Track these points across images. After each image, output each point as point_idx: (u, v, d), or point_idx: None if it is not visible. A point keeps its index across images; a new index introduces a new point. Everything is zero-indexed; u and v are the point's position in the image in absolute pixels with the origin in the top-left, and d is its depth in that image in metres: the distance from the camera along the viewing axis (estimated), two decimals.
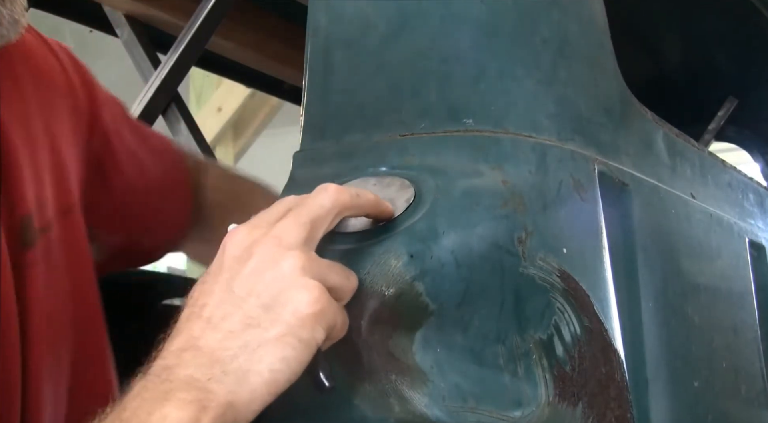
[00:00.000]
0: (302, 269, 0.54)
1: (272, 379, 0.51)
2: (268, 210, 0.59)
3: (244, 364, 0.51)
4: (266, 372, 0.51)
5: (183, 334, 0.53)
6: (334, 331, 0.55)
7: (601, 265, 0.66)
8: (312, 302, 0.53)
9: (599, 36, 0.78)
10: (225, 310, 0.53)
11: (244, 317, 0.52)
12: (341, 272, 0.57)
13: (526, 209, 0.63)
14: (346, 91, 0.72)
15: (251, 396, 0.50)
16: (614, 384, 0.62)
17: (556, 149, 0.68)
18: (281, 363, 0.51)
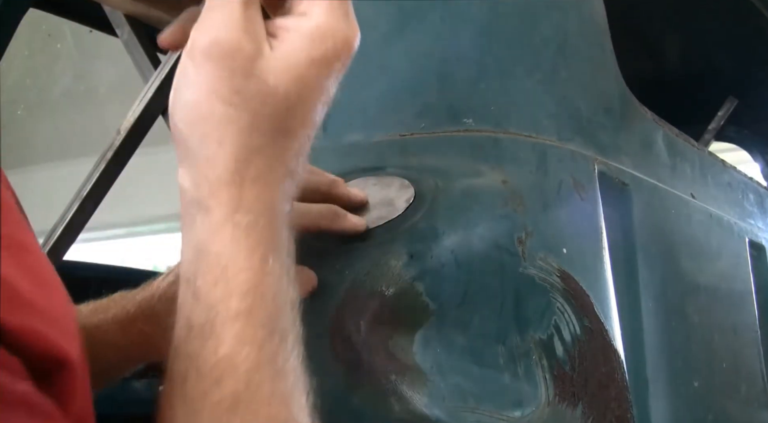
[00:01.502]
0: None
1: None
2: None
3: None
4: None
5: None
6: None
7: (601, 265, 0.66)
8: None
9: (599, 36, 0.78)
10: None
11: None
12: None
13: (526, 209, 0.63)
14: (346, 91, 0.72)
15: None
16: (614, 384, 0.62)
17: (556, 149, 0.68)
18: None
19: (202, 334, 0.42)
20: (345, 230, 0.61)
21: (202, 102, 0.44)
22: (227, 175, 0.44)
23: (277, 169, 0.46)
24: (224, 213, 0.44)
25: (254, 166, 0.44)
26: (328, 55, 0.46)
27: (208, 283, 0.43)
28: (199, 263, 0.43)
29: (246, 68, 0.44)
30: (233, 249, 0.43)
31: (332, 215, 0.61)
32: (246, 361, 0.41)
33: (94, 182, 1.29)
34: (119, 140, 1.29)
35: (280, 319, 0.44)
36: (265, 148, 0.45)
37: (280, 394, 0.42)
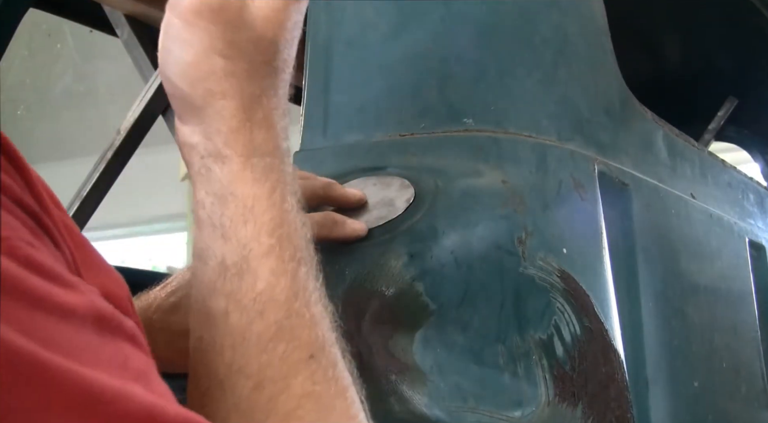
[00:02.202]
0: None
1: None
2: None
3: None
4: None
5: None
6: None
7: (601, 265, 0.66)
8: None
9: (599, 36, 0.78)
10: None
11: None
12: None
13: (526, 209, 0.63)
14: (346, 91, 0.72)
15: None
16: (614, 384, 0.62)
17: (556, 149, 0.68)
18: None
19: (239, 271, 0.45)
20: (345, 237, 0.61)
21: (201, 60, 0.47)
22: (238, 124, 0.47)
23: (277, 109, 0.49)
24: (242, 159, 0.47)
25: (259, 110, 0.48)
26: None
27: (238, 224, 0.46)
28: (225, 207, 0.46)
29: (236, 21, 0.47)
30: (256, 190, 0.47)
31: (331, 223, 0.61)
32: (283, 292, 0.45)
33: (94, 182, 1.29)
34: (119, 140, 1.29)
35: (304, 250, 0.47)
36: (264, 91, 0.48)
37: (316, 318, 0.46)
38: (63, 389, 0.29)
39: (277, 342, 0.44)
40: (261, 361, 0.43)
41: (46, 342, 0.30)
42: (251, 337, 0.44)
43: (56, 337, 0.30)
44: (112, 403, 0.30)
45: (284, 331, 0.44)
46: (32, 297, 0.30)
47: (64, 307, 0.31)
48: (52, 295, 0.31)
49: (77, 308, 0.32)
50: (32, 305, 0.30)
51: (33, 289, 0.30)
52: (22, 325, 0.29)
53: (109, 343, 0.33)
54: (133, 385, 0.31)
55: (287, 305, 0.45)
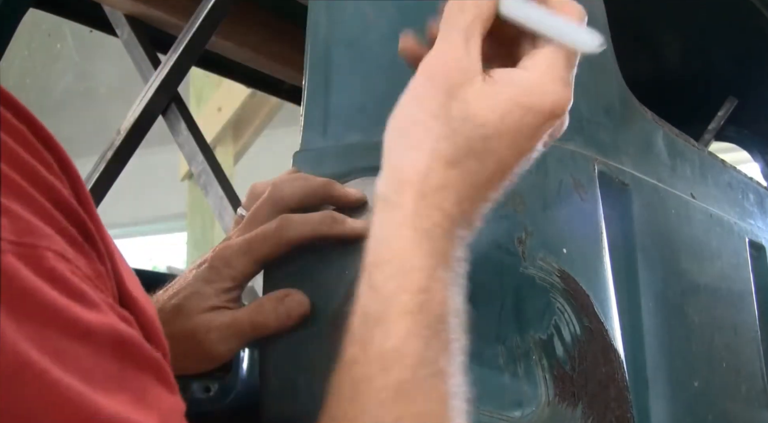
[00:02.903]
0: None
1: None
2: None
3: None
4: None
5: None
6: None
7: (601, 265, 0.66)
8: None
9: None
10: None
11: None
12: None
13: (526, 209, 0.63)
14: (346, 91, 0.72)
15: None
16: (614, 384, 0.62)
17: (556, 149, 0.68)
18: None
19: (376, 323, 0.45)
20: (344, 235, 0.61)
21: (414, 112, 0.49)
22: (415, 178, 0.47)
23: (461, 191, 0.48)
24: (406, 213, 0.47)
25: (441, 176, 0.47)
26: (534, 108, 0.48)
27: (385, 276, 0.46)
28: (379, 256, 0.47)
29: (453, 90, 0.48)
30: (411, 249, 0.46)
31: (330, 221, 0.61)
32: (413, 355, 0.44)
33: (94, 182, 1.29)
34: (119, 140, 1.29)
35: (446, 323, 0.46)
36: (455, 165, 0.48)
37: (440, 393, 0.44)
38: (67, 409, 0.28)
39: (393, 403, 0.43)
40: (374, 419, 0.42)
41: (58, 359, 0.29)
42: (369, 393, 0.43)
43: (68, 355, 0.30)
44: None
45: (403, 394, 0.43)
46: (46, 311, 0.30)
47: (79, 327, 0.31)
48: (69, 312, 0.31)
49: (95, 330, 0.31)
50: (45, 320, 0.30)
51: (48, 304, 0.30)
52: (35, 339, 0.29)
53: (128, 370, 0.32)
54: (147, 419, 0.31)
55: (413, 369, 0.43)
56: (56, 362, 0.29)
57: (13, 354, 0.28)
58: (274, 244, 0.61)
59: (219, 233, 3.19)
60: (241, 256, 0.61)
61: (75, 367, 0.30)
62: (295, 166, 0.69)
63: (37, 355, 0.28)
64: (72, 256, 0.33)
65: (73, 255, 0.33)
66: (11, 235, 0.30)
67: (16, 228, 0.30)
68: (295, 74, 1.60)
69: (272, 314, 0.60)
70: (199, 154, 1.28)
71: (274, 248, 0.61)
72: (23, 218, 0.31)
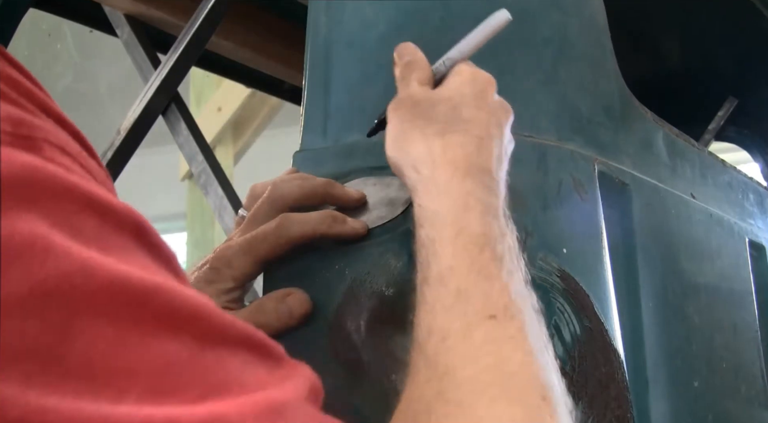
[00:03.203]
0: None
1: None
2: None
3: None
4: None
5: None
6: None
7: (601, 265, 0.66)
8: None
9: (599, 36, 0.78)
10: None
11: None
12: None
13: (526, 209, 0.63)
14: (346, 91, 0.72)
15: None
16: (614, 384, 0.62)
17: (556, 149, 0.68)
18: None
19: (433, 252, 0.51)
20: (344, 234, 0.61)
21: (400, 130, 0.59)
22: (420, 158, 0.56)
23: (462, 145, 0.56)
24: (427, 179, 0.55)
25: (439, 145, 0.56)
26: (476, 75, 0.60)
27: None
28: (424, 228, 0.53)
29: (416, 100, 0.59)
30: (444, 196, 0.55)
31: (330, 220, 0.61)
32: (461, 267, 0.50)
33: None
34: (119, 140, 1.29)
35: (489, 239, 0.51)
36: (444, 134, 0.56)
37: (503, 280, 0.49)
38: (95, 280, 0.28)
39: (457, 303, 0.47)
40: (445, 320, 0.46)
41: (76, 234, 0.29)
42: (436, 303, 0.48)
43: (87, 229, 0.29)
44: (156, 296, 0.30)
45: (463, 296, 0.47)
46: (56, 185, 0.29)
47: (98, 201, 0.30)
48: (83, 187, 0.30)
49: (116, 208, 0.31)
50: (58, 194, 0.29)
51: (59, 177, 0.30)
52: (48, 216, 0.28)
53: (148, 257, 0.32)
54: (167, 280, 0.31)
55: (467, 275, 0.48)
56: (76, 237, 0.29)
57: (29, 231, 0.27)
58: (274, 242, 0.61)
59: (219, 233, 3.19)
60: (242, 256, 0.61)
61: (98, 241, 0.29)
62: (295, 166, 0.69)
63: (56, 234, 0.28)
64: (73, 151, 0.32)
65: (76, 151, 0.32)
66: (7, 126, 0.29)
67: (11, 121, 0.30)
68: (295, 74, 1.60)
69: (274, 314, 0.60)
70: (199, 154, 1.29)
71: (275, 247, 0.61)
72: (16, 114, 0.30)
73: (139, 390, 0.28)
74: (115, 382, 0.27)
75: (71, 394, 0.26)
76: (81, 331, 0.27)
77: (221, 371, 0.30)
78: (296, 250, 0.62)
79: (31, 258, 0.27)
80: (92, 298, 0.28)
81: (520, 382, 0.43)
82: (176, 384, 0.29)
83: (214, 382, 0.30)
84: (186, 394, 0.29)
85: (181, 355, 0.29)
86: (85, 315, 0.27)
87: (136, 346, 0.28)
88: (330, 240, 0.62)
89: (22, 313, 0.26)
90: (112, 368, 0.27)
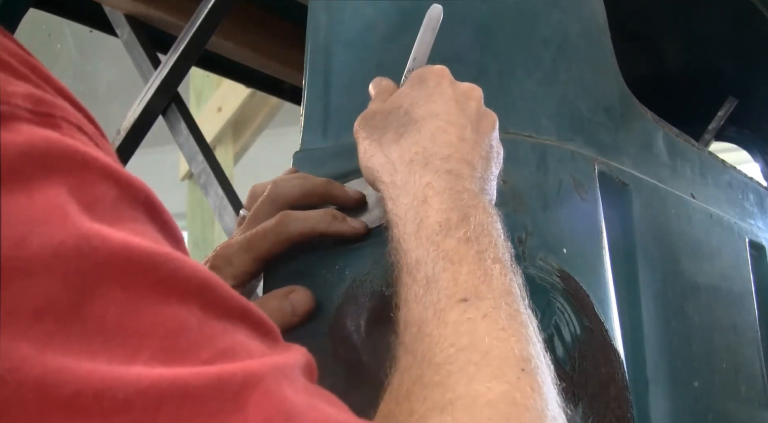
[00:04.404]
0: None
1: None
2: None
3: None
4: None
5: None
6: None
7: (601, 265, 0.66)
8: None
9: (599, 36, 0.78)
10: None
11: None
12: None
13: (526, 209, 0.63)
14: (346, 91, 0.72)
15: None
16: (614, 384, 0.62)
17: (556, 149, 0.68)
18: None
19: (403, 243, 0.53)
20: (344, 233, 0.61)
21: (363, 147, 0.60)
22: (381, 168, 0.57)
23: (421, 146, 0.56)
24: (390, 186, 0.56)
25: (396, 151, 0.56)
26: (429, 69, 0.61)
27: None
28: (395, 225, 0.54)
29: (370, 111, 0.62)
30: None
31: (330, 218, 0.61)
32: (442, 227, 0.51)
33: None
34: (119, 140, 1.29)
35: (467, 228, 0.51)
36: (398, 139, 0.57)
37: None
38: (100, 253, 0.29)
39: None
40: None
41: (90, 206, 0.30)
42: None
43: (103, 201, 0.31)
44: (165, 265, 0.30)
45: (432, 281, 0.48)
46: (76, 156, 0.30)
47: (115, 173, 0.31)
48: (100, 159, 0.31)
49: (132, 182, 0.32)
50: (76, 164, 0.30)
51: (76, 149, 0.31)
52: (65, 186, 0.29)
53: (157, 232, 0.33)
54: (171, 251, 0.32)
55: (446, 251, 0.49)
56: (94, 206, 0.29)
57: (51, 198, 0.28)
58: (273, 240, 0.61)
59: (219, 233, 3.19)
60: (242, 254, 0.61)
61: (114, 211, 0.30)
62: (295, 166, 0.69)
63: (74, 203, 0.29)
64: (89, 131, 0.33)
65: (92, 131, 0.33)
66: (28, 103, 0.30)
67: (32, 99, 0.30)
68: (295, 74, 1.60)
69: (277, 311, 0.60)
70: (199, 154, 1.28)
71: (274, 244, 0.61)
72: (36, 93, 0.31)
73: (150, 352, 0.28)
74: (127, 343, 0.28)
75: (87, 355, 0.27)
76: (98, 294, 0.28)
77: (228, 339, 0.31)
78: (296, 250, 0.62)
79: (52, 222, 0.28)
80: (106, 263, 0.29)
81: (497, 358, 0.43)
82: (186, 347, 0.29)
83: (222, 347, 0.30)
84: (196, 356, 0.29)
85: (191, 321, 0.30)
86: (100, 278, 0.28)
87: (148, 309, 0.29)
88: (330, 239, 0.61)
89: (45, 272, 0.27)
90: (124, 330, 0.28)
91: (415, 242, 0.50)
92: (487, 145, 0.58)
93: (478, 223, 0.51)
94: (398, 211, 0.53)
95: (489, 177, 0.56)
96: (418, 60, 0.64)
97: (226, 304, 0.32)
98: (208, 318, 0.31)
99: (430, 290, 0.47)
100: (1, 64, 0.31)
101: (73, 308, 0.28)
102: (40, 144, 0.29)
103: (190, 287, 0.31)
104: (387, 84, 0.64)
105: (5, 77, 0.30)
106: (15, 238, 0.27)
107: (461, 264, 0.48)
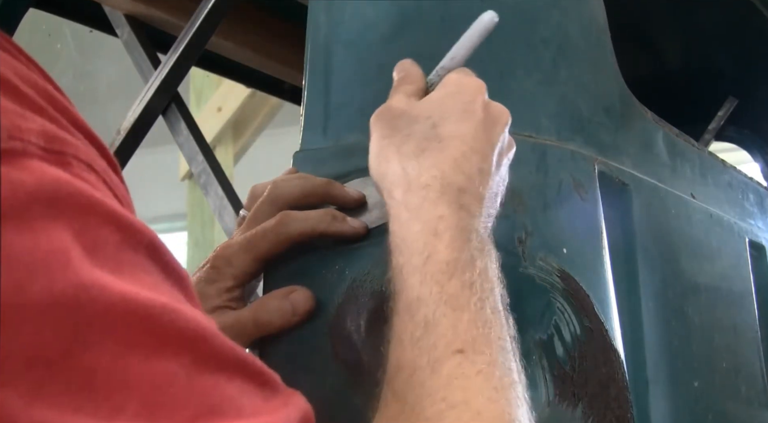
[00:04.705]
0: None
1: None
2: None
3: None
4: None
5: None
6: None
7: (601, 265, 0.66)
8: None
9: (599, 36, 0.78)
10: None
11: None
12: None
13: (526, 209, 0.63)
14: (346, 91, 0.72)
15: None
16: (614, 384, 0.62)
17: (556, 149, 0.68)
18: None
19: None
20: (343, 233, 0.61)
21: (379, 145, 0.57)
22: (395, 179, 0.54)
23: (440, 168, 0.54)
24: (399, 203, 0.54)
25: (415, 166, 0.54)
26: (463, 84, 0.58)
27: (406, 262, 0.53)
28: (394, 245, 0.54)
29: (395, 114, 0.58)
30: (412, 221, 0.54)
31: (330, 218, 0.61)
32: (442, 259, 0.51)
33: None
34: (119, 140, 1.29)
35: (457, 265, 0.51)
36: (419, 155, 0.55)
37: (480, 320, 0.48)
38: (99, 303, 0.29)
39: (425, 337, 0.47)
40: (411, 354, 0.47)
41: (93, 251, 0.30)
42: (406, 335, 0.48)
43: (105, 247, 0.30)
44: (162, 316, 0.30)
45: (431, 327, 0.47)
46: (80, 200, 0.30)
47: (118, 218, 0.31)
48: (106, 204, 0.31)
49: (135, 226, 0.32)
50: (82, 209, 0.30)
51: (83, 194, 0.31)
52: (69, 228, 0.29)
53: (161, 275, 0.33)
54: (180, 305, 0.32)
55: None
56: (96, 252, 0.29)
57: (54, 242, 0.28)
58: (273, 239, 0.61)
59: (219, 233, 3.19)
60: (242, 254, 0.61)
61: (115, 257, 0.30)
62: (295, 166, 0.69)
63: (78, 248, 0.29)
64: (99, 168, 0.33)
65: (102, 167, 0.33)
66: (41, 140, 0.30)
67: (45, 136, 0.31)
68: (295, 74, 1.60)
69: (277, 312, 0.60)
70: (199, 154, 1.28)
71: (274, 244, 0.61)
72: (51, 130, 0.31)
73: (134, 408, 0.28)
74: (113, 398, 0.28)
75: (72, 408, 0.27)
76: (90, 345, 0.28)
77: (218, 395, 0.31)
78: (296, 250, 0.62)
79: (54, 268, 0.28)
80: (102, 315, 0.29)
81: (488, 420, 0.43)
82: (172, 403, 0.29)
83: (209, 404, 0.30)
84: (180, 413, 0.29)
85: (179, 376, 0.30)
86: (94, 329, 0.28)
87: (137, 363, 0.29)
88: (330, 239, 0.61)
89: (41, 320, 0.27)
90: (112, 384, 0.28)
91: (420, 278, 0.49)
92: (501, 179, 0.57)
93: (483, 267, 0.50)
94: (406, 236, 0.52)
95: (493, 214, 0.56)
96: (456, 60, 0.62)
97: (220, 355, 0.32)
98: (199, 372, 0.31)
99: (428, 334, 0.47)
100: (20, 97, 0.31)
101: (64, 358, 0.27)
102: (50, 185, 0.29)
103: (183, 340, 0.31)
104: (415, 72, 0.62)
105: (22, 111, 0.30)
106: (15, 283, 0.27)
107: (462, 311, 0.47)
